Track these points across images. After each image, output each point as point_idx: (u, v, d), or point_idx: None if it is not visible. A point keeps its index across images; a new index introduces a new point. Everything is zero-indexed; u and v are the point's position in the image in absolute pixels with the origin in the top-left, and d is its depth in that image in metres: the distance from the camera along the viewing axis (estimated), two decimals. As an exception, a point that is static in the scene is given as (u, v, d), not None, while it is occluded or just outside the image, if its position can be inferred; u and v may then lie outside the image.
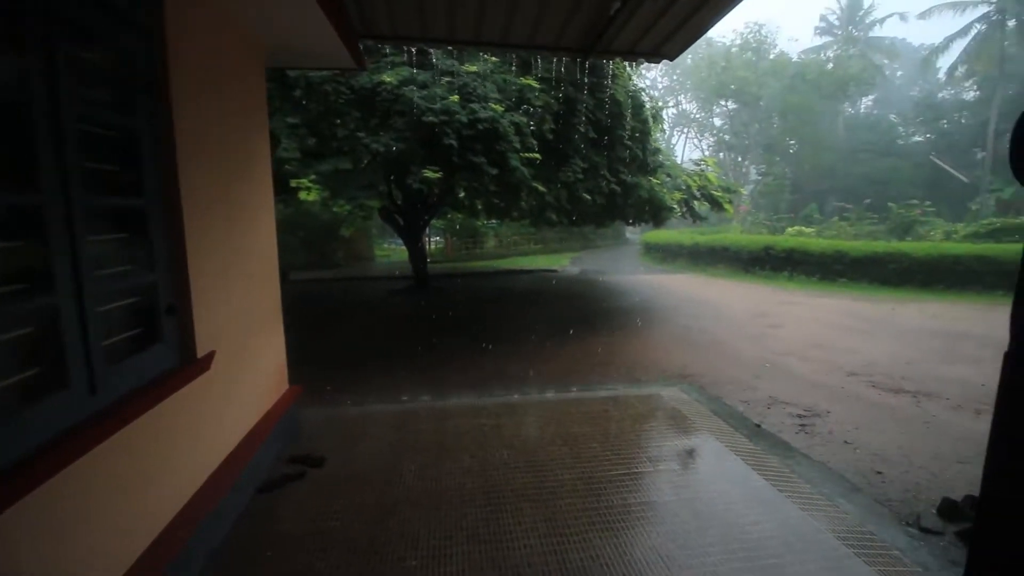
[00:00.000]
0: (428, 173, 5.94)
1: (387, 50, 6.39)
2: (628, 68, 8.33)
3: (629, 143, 7.98)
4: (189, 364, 2.43)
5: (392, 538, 2.59)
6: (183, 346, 2.45)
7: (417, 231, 11.36)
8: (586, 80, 7.27)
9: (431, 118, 5.95)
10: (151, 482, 2.09)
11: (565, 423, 4.10)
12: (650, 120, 8.75)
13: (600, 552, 2.49)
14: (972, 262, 11.31)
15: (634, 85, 8.71)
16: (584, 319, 8.95)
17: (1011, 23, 25.16)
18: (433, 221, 15.89)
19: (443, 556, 2.45)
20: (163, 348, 2.30)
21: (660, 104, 10.47)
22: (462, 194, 8.94)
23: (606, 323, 8.53)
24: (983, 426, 4.17)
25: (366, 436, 3.90)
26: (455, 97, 6.14)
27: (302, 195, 5.94)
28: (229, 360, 2.92)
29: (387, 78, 6.06)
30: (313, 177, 5.87)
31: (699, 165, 11.29)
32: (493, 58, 6.82)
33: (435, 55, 6.64)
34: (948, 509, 2.83)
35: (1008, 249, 11.54)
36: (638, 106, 8.32)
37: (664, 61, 4.76)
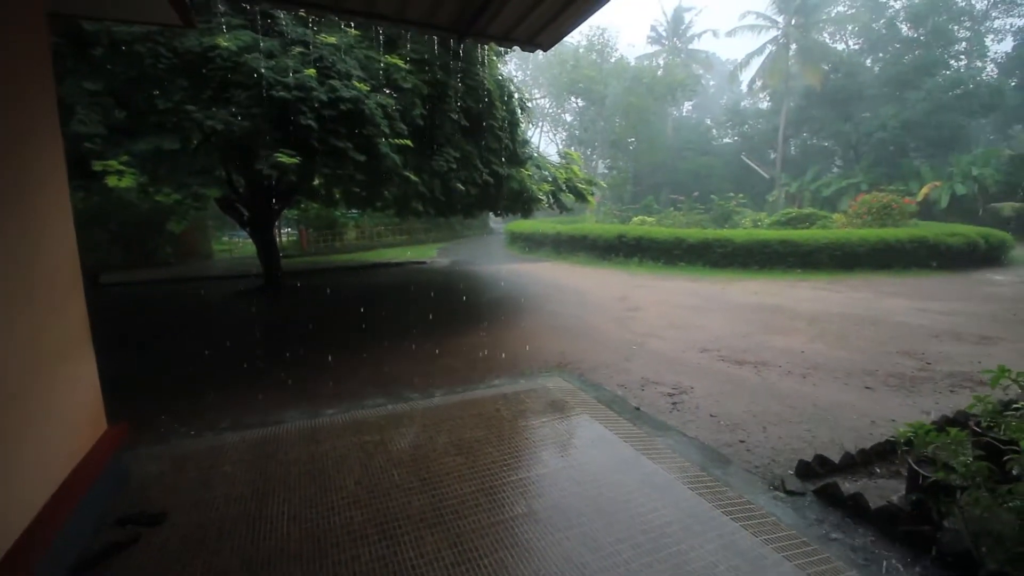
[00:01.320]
0: (282, 157, 5.14)
1: (220, 8, 5.37)
2: (495, 57, 8.22)
3: (501, 133, 7.90)
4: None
5: (268, 606, 2.13)
6: (-78, 402, 1.69)
7: (266, 223, 10.04)
8: (460, 64, 6.97)
9: (283, 93, 5.14)
10: None
11: (457, 429, 3.87)
12: (518, 111, 8.79)
13: (514, 573, 2.33)
14: (777, 245, 13.58)
15: (501, 75, 8.65)
16: (461, 312, 8.76)
17: (793, 46, 30.62)
18: (285, 211, 14.31)
19: (337, 616, 2.07)
20: None
21: (524, 96, 10.57)
22: (317, 181, 8.07)
23: (483, 315, 8.44)
24: (810, 388, 4.92)
25: (220, 475, 3.24)
26: (311, 71, 5.39)
27: (111, 180, 4.73)
28: (11, 408, 2.16)
29: (223, 42, 5.07)
30: (126, 158, 4.71)
31: (565, 159, 11.76)
32: (354, 30, 6.15)
33: (284, 20, 5.76)
34: (804, 470, 3.22)
35: (802, 234, 14.12)
36: (508, 96, 8.29)
37: (537, 52, 4.70)
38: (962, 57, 29.49)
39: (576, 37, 37.02)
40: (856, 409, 4.41)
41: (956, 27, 28.90)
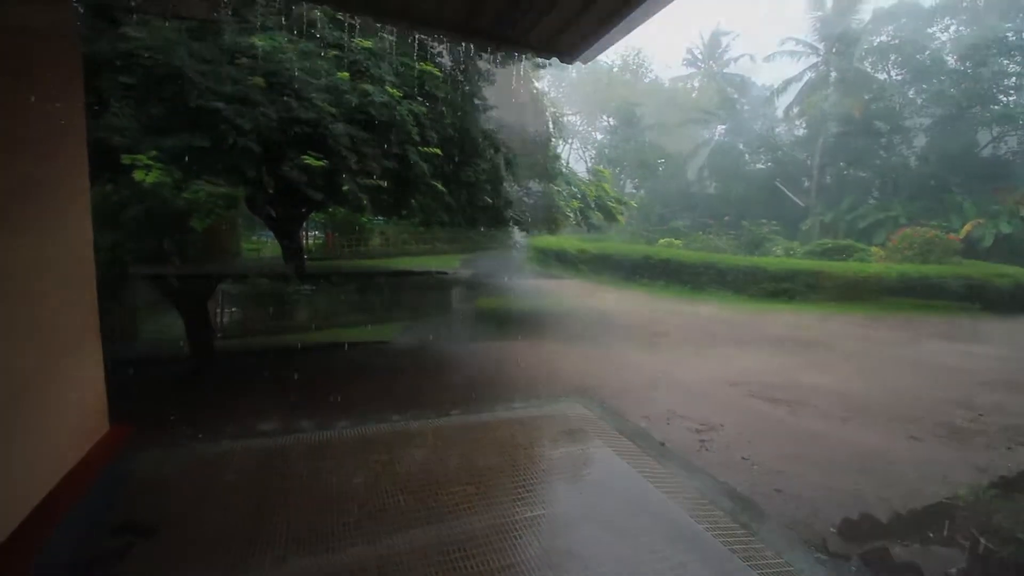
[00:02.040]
0: (309, 160, 5.10)
1: (257, 8, 5.40)
2: (530, 71, 8.13)
3: (532, 146, 7.78)
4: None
5: (252, 647, 1.94)
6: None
7: (293, 225, 10.05)
8: (495, 75, 6.92)
9: (313, 95, 5.11)
10: None
11: (469, 454, 3.65)
12: (551, 125, 8.68)
13: (524, 629, 2.09)
14: (810, 276, 13.08)
15: (535, 89, 8.57)
16: (484, 324, 8.59)
17: (833, 75, 30.03)
18: (312, 214, 14.41)
19: (325, 666, 1.87)
20: None
21: (557, 113, 10.45)
22: (345, 187, 8.00)
23: (506, 329, 8.24)
24: (850, 434, 4.56)
25: (222, 486, 3.09)
26: (344, 74, 5.36)
27: (138, 175, 4.73)
28: (8, 405, 2.07)
29: (258, 41, 5.09)
30: (155, 153, 4.71)
31: (595, 176, 11.59)
32: (391, 36, 6.14)
33: (320, 23, 5.77)
34: (848, 528, 2.91)
35: (838, 266, 13.60)
36: (540, 110, 8.19)
37: (570, 69, 4.55)
38: (1012, 92, 28.42)
39: (611, 56, 37.08)
40: (902, 461, 4.04)
41: (1007, 61, 27.91)
